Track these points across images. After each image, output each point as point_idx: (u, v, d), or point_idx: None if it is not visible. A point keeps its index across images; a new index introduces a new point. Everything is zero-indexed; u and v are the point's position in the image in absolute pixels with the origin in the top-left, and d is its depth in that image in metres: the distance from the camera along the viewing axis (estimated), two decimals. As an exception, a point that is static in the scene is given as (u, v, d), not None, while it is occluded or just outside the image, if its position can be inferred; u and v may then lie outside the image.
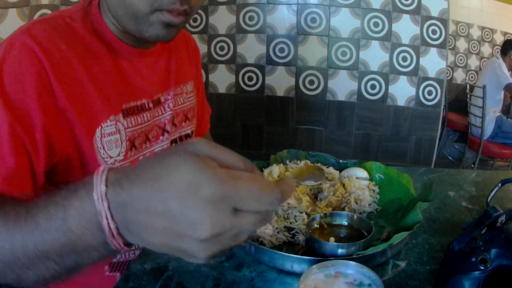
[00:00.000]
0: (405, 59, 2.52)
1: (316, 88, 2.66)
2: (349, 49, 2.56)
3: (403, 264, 0.65)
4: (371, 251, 0.61)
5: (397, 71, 2.55)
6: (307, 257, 0.60)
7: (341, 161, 0.94)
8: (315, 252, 0.63)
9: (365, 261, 0.55)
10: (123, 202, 0.34)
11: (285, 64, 2.65)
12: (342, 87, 2.63)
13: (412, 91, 2.56)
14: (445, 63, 2.51)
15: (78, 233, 0.36)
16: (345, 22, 2.52)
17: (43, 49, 0.60)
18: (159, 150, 0.81)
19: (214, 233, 0.32)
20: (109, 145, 0.69)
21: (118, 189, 0.34)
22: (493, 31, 3.93)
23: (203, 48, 2.67)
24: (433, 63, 2.50)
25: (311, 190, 0.81)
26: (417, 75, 2.53)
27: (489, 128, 3.14)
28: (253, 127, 2.80)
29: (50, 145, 0.61)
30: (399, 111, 2.60)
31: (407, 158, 2.67)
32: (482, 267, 0.49)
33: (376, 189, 0.85)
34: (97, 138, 0.67)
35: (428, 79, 2.53)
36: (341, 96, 2.65)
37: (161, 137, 0.82)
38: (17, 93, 0.58)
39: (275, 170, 0.85)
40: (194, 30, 2.66)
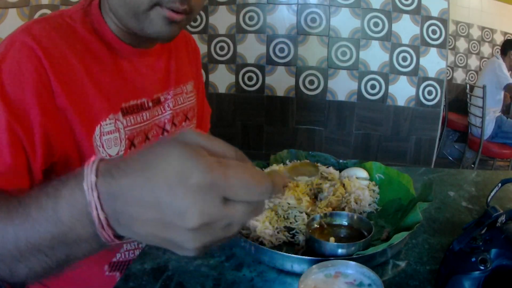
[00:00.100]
0: (405, 59, 2.52)
1: (316, 88, 2.66)
2: (349, 49, 2.56)
3: (403, 264, 0.65)
4: (371, 251, 0.61)
5: (397, 71, 2.55)
6: (307, 257, 0.60)
7: (341, 161, 0.94)
8: (315, 252, 0.63)
9: (365, 261, 0.55)
10: (113, 192, 0.33)
11: (285, 64, 2.65)
12: (342, 87, 2.63)
13: (412, 91, 2.56)
14: (445, 63, 2.51)
15: (68, 224, 0.36)
16: (345, 22, 2.52)
17: (42, 48, 0.61)
18: None
19: (202, 222, 0.31)
20: (108, 143, 0.69)
21: (108, 179, 0.34)
22: (493, 31, 3.93)
23: (203, 48, 2.67)
24: (433, 63, 2.50)
25: (311, 190, 0.81)
26: (417, 75, 2.53)
27: (489, 128, 3.14)
28: (253, 127, 2.80)
29: (48, 144, 0.61)
30: (399, 111, 2.60)
31: (407, 158, 2.67)
32: (482, 267, 0.49)
33: (376, 189, 0.85)
34: (96, 136, 0.67)
35: (428, 79, 2.53)
36: (341, 96, 2.65)
37: (161, 137, 0.82)
38: (16, 92, 0.58)
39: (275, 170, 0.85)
40: (194, 30, 2.66)
